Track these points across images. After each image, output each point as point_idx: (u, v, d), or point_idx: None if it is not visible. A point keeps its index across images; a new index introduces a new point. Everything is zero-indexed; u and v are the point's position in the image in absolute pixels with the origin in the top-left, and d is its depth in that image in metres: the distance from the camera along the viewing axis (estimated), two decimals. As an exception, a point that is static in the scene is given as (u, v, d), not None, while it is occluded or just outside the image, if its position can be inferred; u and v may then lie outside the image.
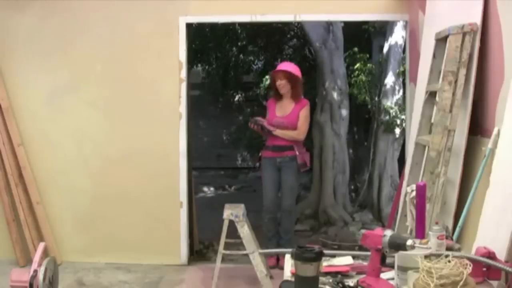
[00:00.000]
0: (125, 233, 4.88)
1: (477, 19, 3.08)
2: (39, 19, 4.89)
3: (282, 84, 4.86)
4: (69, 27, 4.88)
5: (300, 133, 4.89)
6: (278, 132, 4.84)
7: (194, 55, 8.53)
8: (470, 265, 1.74)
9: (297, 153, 4.84)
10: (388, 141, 6.99)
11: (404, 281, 1.93)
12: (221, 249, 4.19)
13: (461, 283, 1.68)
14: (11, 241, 4.82)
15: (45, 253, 3.53)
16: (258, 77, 9.74)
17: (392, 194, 6.53)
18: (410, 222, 2.91)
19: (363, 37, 7.81)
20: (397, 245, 1.91)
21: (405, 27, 5.22)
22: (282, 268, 2.51)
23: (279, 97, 4.96)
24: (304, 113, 4.89)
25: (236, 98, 11.28)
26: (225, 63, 9.59)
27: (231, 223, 4.15)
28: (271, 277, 4.21)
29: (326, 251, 2.05)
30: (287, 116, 4.88)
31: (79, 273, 4.63)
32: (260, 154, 5.07)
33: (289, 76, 4.85)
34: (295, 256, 1.90)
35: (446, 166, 3.11)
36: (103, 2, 4.85)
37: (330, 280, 2.07)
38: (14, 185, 4.80)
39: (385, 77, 7.02)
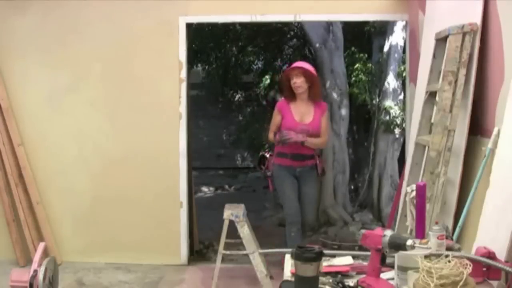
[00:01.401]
0: (125, 233, 4.88)
1: (477, 19, 3.08)
2: (39, 19, 4.89)
3: (299, 83, 4.36)
4: (69, 27, 4.88)
5: (324, 142, 4.62)
6: (308, 141, 4.37)
7: (194, 55, 8.52)
8: (470, 265, 1.74)
9: (317, 161, 4.49)
10: (388, 141, 6.99)
11: (404, 281, 1.93)
12: (221, 249, 4.19)
13: (461, 283, 1.68)
14: (11, 241, 4.82)
15: (45, 253, 3.53)
16: (258, 77, 9.74)
17: (392, 194, 6.52)
18: (410, 222, 2.91)
19: (363, 37, 7.81)
20: (397, 245, 1.91)
21: (405, 27, 5.22)
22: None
23: (292, 98, 4.46)
24: (327, 120, 4.57)
25: (236, 98, 11.27)
26: (225, 63, 9.59)
27: (231, 223, 4.15)
28: (271, 277, 4.21)
29: (326, 251, 2.04)
30: (311, 122, 4.41)
31: (79, 273, 4.63)
32: (260, 154, 4.77)
33: (306, 73, 4.39)
34: (295, 256, 1.90)
35: (446, 166, 3.11)
36: (103, 2, 4.86)
37: (330, 280, 2.07)
38: (14, 185, 4.80)
39: (385, 77, 7.02)
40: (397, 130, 6.92)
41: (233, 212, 4.14)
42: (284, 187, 4.45)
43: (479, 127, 3.11)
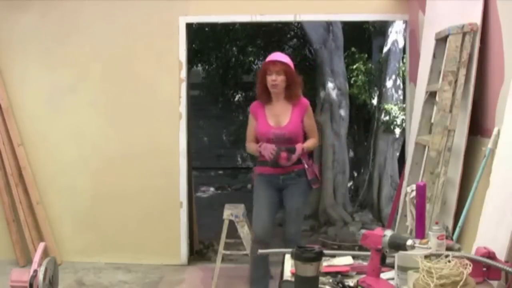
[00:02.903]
0: (125, 233, 4.88)
1: (477, 19, 3.08)
2: (39, 18, 4.89)
3: (279, 81, 3.66)
4: (69, 27, 4.88)
5: (316, 142, 3.86)
6: (305, 146, 3.70)
7: (194, 55, 8.53)
8: (470, 265, 1.74)
9: (306, 166, 3.70)
10: (388, 141, 7.00)
11: (404, 281, 1.93)
12: (221, 249, 4.20)
13: (461, 283, 1.68)
14: (11, 241, 4.82)
15: (45, 253, 3.53)
16: (258, 77, 9.72)
17: (392, 194, 6.53)
18: (410, 222, 2.92)
19: (363, 37, 7.82)
20: (397, 245, 1.91)
21: (405, 27, 5.22)
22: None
23: (266, 99, 3.79)
24: (312, 119, 3.84)
25: (236, 98, 11.28)
26: (225, 63, 9.59)
27: (231, 223, 4.15)
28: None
29: (326, 251, 2.04)
30: (287, 125, 3.69)
31: (79, 273, 4.63)
32: (253, 170, 3.96)
33: (287, 71, 3.69)
34: (295, 256, 1.90)
35: (446, 166, 3.11)
36: (103, 2, 4.86)
37: (330, 280, 2.07)
38: (14, 185, 4.80)
39: (385, 77, 7.03)
40: (397, 130, 6.93)
41: (233, 212, 4.15)
42: (258, 197, 3.73)
43: (479, 127, 3.11)
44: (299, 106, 3.75)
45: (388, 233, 1.96)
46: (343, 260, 2.31)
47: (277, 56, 3.80)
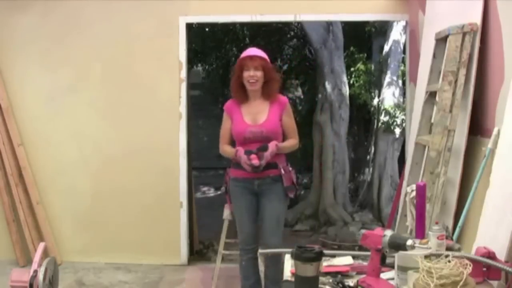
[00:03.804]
0: (125, 233, 4.88)
1: (477, 19, 3.08)
2: (40, 18, 4.90)
3: (257, 77, 3.48)
4: (69, 27, 4.88)
5: (295, 143, 3.62)
6: (280, 145, 3.50)
7: (194, 55, 8.53)
8: (470, 265, 1.74)
9: (282, 172, 3.50)
10: (388, 141, 7.00)
11: (404, 281, 1.93)
12: (221, 249, 4.20)
13: (461, 283, 1.68)
14: (11, 241, 4.82)
15: (45, 253, 3.53)
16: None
17: (392, 194, 6.53)
18: (410, 222, 2.92)
19: (363, 37, 7.82)
20: (397, 245, 1.91)
21: (405, 27, 5.22)
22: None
23: (242, 97, 3.60)
24: (291, 117, 3.63)
25: (236, 98, 11.27)
26: (225, 63, 9.59)
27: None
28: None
29: (326, 251, 2.04)
30: (264, 122, 3.51)
31: (79, 273, 4.63)
32: (226, 173, 3.74)
33: (266, 66, 3.54)
34: (295, 256, 1.90)
35: (446, 166, 3.11)
36: (103, 2, 4.86)
37: (330, 280, 2.07)
38: (14, 185, 4.80)
39: (385, 77, 7.03)
40: (397, 130, 6.93)
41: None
42: (237, 206, 3.64)
43: (479, 127, 3.11)
44: (277, 103, 3.57)
45: (388, 233, 1.96)
46: (343, 260, 2.31)
47: (255, 51, 3.62)
